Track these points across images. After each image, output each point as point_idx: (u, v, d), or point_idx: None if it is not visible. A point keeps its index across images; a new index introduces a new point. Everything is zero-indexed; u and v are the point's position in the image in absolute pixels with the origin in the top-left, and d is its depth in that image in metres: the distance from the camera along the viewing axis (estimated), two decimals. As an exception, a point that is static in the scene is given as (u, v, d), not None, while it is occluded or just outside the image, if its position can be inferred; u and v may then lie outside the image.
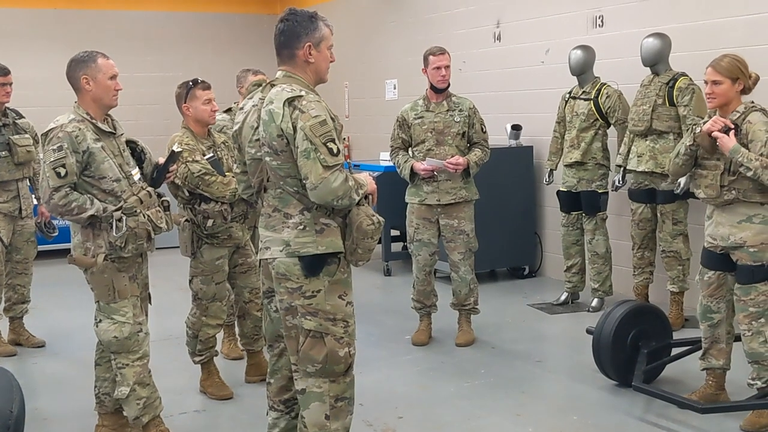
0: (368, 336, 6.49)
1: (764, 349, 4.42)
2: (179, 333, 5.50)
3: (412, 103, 6.28)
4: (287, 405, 3.84)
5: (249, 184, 3.73)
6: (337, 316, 3.53)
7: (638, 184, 6.55)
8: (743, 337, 4.52)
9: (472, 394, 5.24)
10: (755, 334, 4.45)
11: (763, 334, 4.43)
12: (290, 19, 3.54)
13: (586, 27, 7.73)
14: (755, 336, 4.45)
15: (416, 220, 6.22)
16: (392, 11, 10.57)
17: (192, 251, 5.09)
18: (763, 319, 4.44)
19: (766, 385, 4.47)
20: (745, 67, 4.52)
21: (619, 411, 4.87)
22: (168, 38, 12.18)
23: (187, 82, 5.08)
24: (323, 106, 3.45)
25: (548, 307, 7.26)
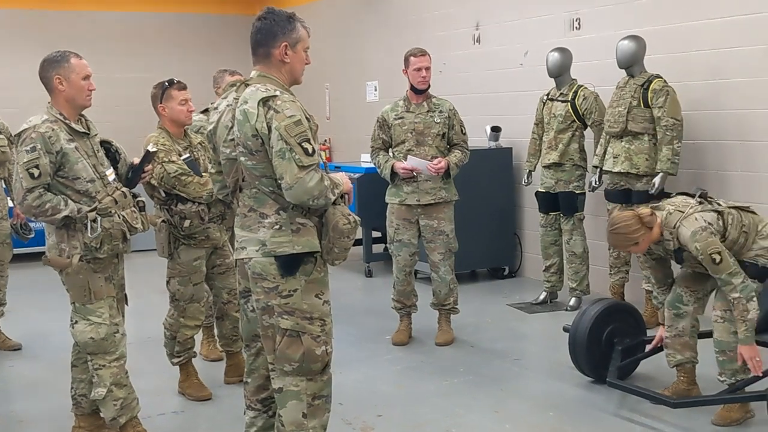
0: (348, 336, 6.51)
1: (732, 339, 4.48)
2: (157, 335, 5.50)
3: (392, 104, 6.31)
4: (264, 404, 3.84)
5: (224, 184, 3.73)
6: (313, 315, 3.54)
7: (614, 184, 6.61)
8: (714, 324, 4.57)
9: (451, 393, 5.27)
10: (727, 322, 4.51)
11: (734, 324, 4.49)
12: (268, 17, 3.55)
13: (564, 29, 7.79)
14: (726, 324, 4.51)
15: (396, 220, 6.24)
16: (373, 13, 10.60)
17: (169, 252, 5.09)
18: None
19: (733, 379, 4.53)
20: (633, 229, 4.50)
21: (595, 407, 4.93)
22: (145, 39, 12.14)
23: (162, 82, 5.07)
24: (298, 106, 3.45)
25: (527, 307, 7.31)
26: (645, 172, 6.38)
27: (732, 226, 4.49)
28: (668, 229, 4.52)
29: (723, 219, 4.49)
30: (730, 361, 4.50)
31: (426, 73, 6.10)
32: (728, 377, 4.54)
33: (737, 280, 4.34)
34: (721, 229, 4.47)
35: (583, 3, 7.62)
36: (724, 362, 4.54)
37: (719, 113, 6.52)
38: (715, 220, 4.46)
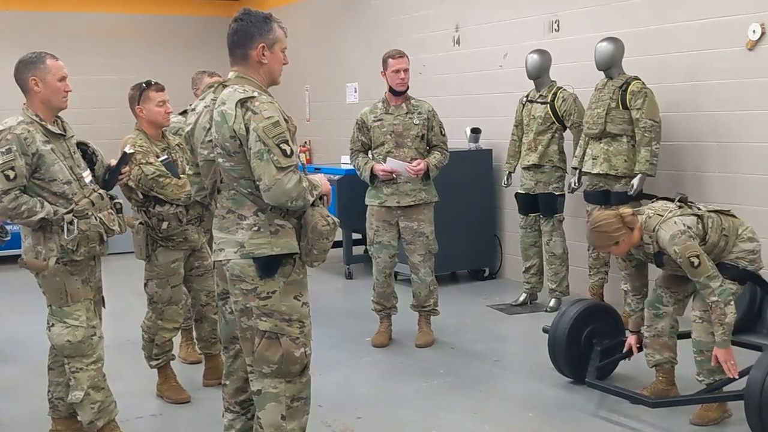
0: (328, 338, 6.50)
1: (711, 339, 4.50)
2: (136, 337, 5.47)
3: (371, 105, 6.31)
4: (243, 406, 3.83)
5: (202, 186, 3.72)
6: (292, 317, 3.53)
7: (593, 185, 6.63)
8: (693, 324, 4.60)
9: (431, 394, 5.27)
10: (705, 323, 4.53)
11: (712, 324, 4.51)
12: (244, 18, 3.54)
13: (543, 31, 7.82)
14: (705, 324, 4.53)
15: (376, 222, 6.24)
16: (353, 15, 10.60)
17: (147, 254, 5.07)
18: None
19: (711, 379, 4.55)
20: (613, 229, 4.51)
21: (574, 407, 4.94)
22: (124, 41, 12.08)
23: (140, 83, 5.04)
24: (276, 107, 3.44)
25: (507, 308, 7.32)
26: (624, 174, 6.41)
27: (712, 229, 4.52)
28: (648, 232, 4.54)
29: (703, 223, 4.51)
30: (708, 361, 4.52)
31: (404, 75, 6.10)
32: (706, 377, 4.57)
33: (715, 283, 4.36)
34: (701, 232, 4.49)
35: (562, 5, 7.65)
36: (702, 362, 4.57)
37: (696, 115, 6.55)
38: (695, 223, 4.49)
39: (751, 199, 6.13)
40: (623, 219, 4.52)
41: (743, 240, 4.58)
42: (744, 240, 4.58)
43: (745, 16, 6.14)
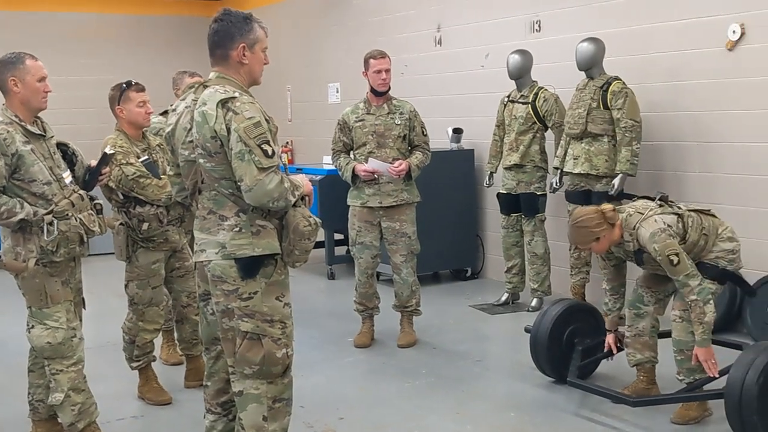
0: (310, 339, 6.49)
1: (690, 338, 4.53)
2: (116, 339, 5.44)
3: (353, 106, 6.31)
4: (225, 407, 3.82)
5: (183, 187, 3.71)
6: (274, 318, 3.52)
7: (574, 185, 6.66)
8: (673, 324, 4.62)
9: (413, 394, 5.27)
10: (685, 322, 4.56)
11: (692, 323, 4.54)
12: (224, 19, 3.53)
13: (524, 32, 7.83)
14: (684, 324, 4.56)
15: (358, 223, 6.23)
16: (334, 15, 10.59)
17: (127, 255, 5.04)
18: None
19: (691, 378, 4.58)
20: (595, 225, 4.52)
21: (556, 407, 4.96)
22: (104, 41, 12.02)
23: (120, 84, 5.02)
24: (257, 108, 3.44)
25: (489, 308, 7.33)
26: (605, 173, 6.44)
27: (692, 228, 4.54)
28: (628, 230, 4.56)
29: (683, 222, 4.53)
30: (688, 360, 4.55)
31: (386, 75, 6.10)
32: (686, 376, 4.59)
33: (694, 282, 4.38)
34: (681, 231, 4.51)
35: (543, 6, 7.67)
36: (682, 361, 4.59)
37: (677, 115, 6.59)
38: (675, 222, 4.50)
39: (731, 198, 6.17)
40: (604, 215, 4.53)
41: (723, 239, 4.60)
42: (724, 240, 4.60)
43: (725, 17, 6.17)
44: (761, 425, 4.08)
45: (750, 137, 6.13)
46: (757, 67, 6.02)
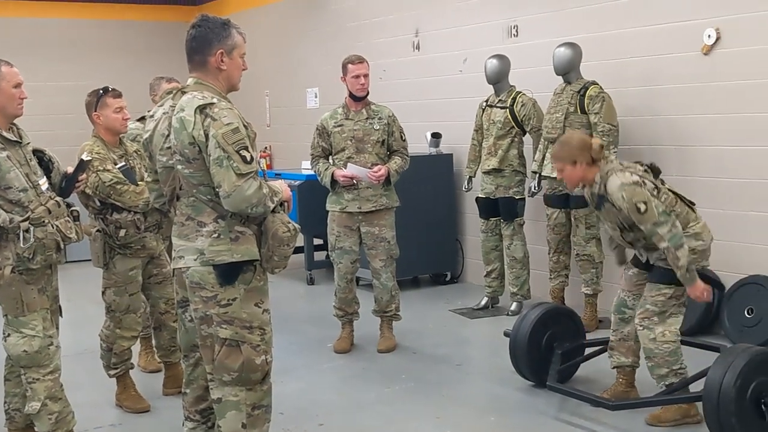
0: (290, 344, 6.48)
1: (653, 346, 4.57)
2: (94, 346, 5.40)
3: (331, 111, 6.30)
4: (203, 415, 3.81)
5: (161, 193, 3.70)
6: (253, 324, 3.52)
7: (553, 189, 6.68)
8: (638, 331, 4.66)
9: (393, 400, 5.27)
10: (645, 329, 4.59)
11: (653, 331, 4.57)
12: (202, 25, 3.52)
13: (502, 37, 7.86)
14: (645, 331, 4.59)
15: (337, 228, 6.22)
16: (312, 20, 10.58)
17: (104, 262, 5.01)
18: (656, 318, 4.59)
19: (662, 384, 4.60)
20: (579, 146, 4.54)
21: (535, 410, 4.96)
22: (81, 46, 11.96)
23: (97, 90, 4.99)
24: (235, 114, 3.43)
25: (469, 312, 7.34)
26: (583, 178, 6.45)
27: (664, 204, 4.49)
28: (601, 173, 4.53)
29: (658, 195, 4.50)
30: (658, 366, 4.57)
31: (364, 80, 6.10)
32: (657, 381, 4.63)
33: (663, 229, 4.35)
34: None
35: (521, 10, 7.69)
36: (652, 368, 4.61)
37: (654, 119, 6.62)
38: (651, 189, 4.48)
39: (707, 201, 6.20)
40: (591, 147, 4.52)
41: (689, 235, 4.55)
42: (689, 235, 4.54)
43: (701, 21, 6.22)
44: (739, 427, 4.10)
45: (725, 141, 6.17)
46: (733, 72, 6.07)
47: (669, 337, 4.55)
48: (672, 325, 4.57)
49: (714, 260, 6.14)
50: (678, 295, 4.57)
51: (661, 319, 4.58)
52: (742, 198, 6.12)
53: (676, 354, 4.56)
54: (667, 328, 4.56)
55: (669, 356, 4.55)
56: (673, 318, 4.59)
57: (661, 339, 4.55)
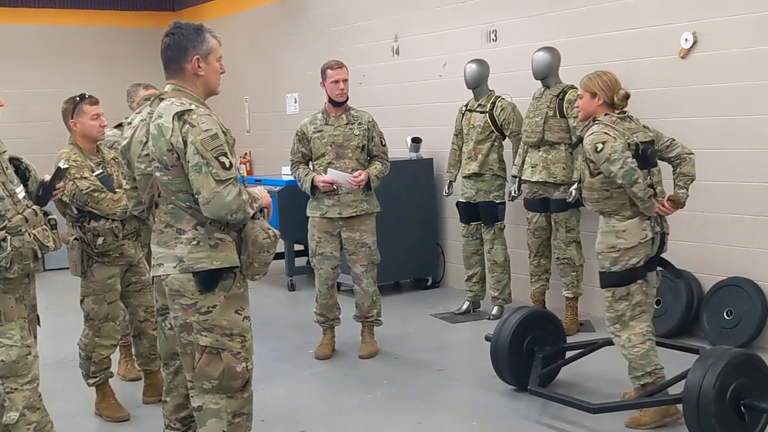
0: (271, 351, 6.46)
1: (626, 352, 4.62)
2: (73, 355, 5.35)
3: (311, 117, 6.29)
4: (184, 423, 3.79)
5: (139, 200, 3.68)
6: (233, 331, 3.50)
7: (533, 193, 6.70)
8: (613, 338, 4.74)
9: (375, 406, 5.26)
10: (615, 337, 4.69)
11: (620, 338, 4.64)
12: (176, 32, 3.50)
13: (481, 41, 7.88)
14: (616, 339, 4.68)
15: (318, 233, 6.21)
16: (291, 25, 10.57)
17: (82, 270, 4.98)
18: (618, 325, 4.66)
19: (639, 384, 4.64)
20: (606, 84, 4.66)
21: (517, 414, 4.97)
22: (58, 53, 11.90)
23: (74, 97, 4.96)
24: (214, 120, 3.42)
25: (450, 317, 7.34)
26: (562, 181, 6.48)
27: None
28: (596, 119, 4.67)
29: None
30: (633, 369, 4.63)
31: (343, 86, 6.09)
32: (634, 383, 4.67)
33: (615, 167, 4.45)
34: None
35: (500, 15, 7.72)
36: (629, 370, 4.67)
37: (633, 122, 6.64)
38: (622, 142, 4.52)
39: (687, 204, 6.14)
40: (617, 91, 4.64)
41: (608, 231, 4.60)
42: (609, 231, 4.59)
43: (678, 25, 6.26)
44: (719, 429, 4.12)
45: (703, 143, 6.18)
46: (709, 75, 6.11)
47: (635, 341, 4.60)
48: (635, 328, 4.61)
49: (693, 262, 6.25)
50: (623, 295, 4.60)
51: (622, 325, 4.63)
52: (720, 200, 6.15)
53: (648, 356, 4.60)
54: (630, 332, 4.61)
55: (641, 359, 4.60)
56: (635, 321, 4.63)
57: (629, 345, 4.61)
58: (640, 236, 4.55)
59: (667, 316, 6.25)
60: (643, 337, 4.58)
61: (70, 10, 12.12)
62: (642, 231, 4.56)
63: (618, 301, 4.61)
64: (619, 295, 4.61)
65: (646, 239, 4.56)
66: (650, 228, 4.58)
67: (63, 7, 12.08)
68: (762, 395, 4.27)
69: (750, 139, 5.94)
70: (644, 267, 4.63)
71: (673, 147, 4.78)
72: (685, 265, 6.27)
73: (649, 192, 4.51)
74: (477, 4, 7.95)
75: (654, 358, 4.60)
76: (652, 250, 4.64)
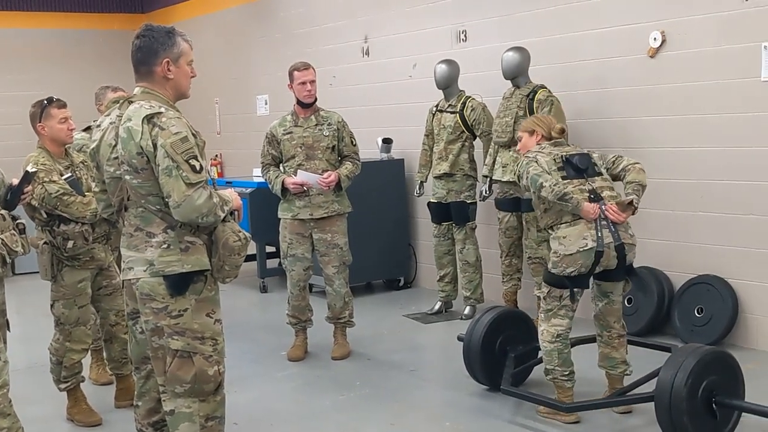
0: (243, 353, 6.43)
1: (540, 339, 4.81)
2: (44, 360, 5.30)
3: (280, 119, 6.27)
4: (156, 427, 3.77)
5: (109, 203, 3.66)
6: (205, 335, 3.49)
7: (504, 193, 6.72)
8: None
9: (348, 407, 5.25)
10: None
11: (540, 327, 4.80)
12: (146, 35, 3.48)
13: (451, 42, 7.89)
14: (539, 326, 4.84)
15: (289, 235, 6.20)
16: (261, 27, 10.55)
17: (52, 275, 4.94)
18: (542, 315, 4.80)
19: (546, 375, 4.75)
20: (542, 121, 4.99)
21: (490, 415, 4.98)
22: (27, 56, 11.80)
23: (41, 100, 4.92)
24: (184, 123, 3.40)
25: (423, 317, 7.35)
26: (533, 181, 6.50)
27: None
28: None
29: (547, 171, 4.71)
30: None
31: (311, 87, 6.08)
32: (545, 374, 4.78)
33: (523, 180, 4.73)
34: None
35: (469, 15, 7.74)
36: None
37: (602, 121, 6.70)
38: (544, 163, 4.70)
39: (656, 203, 6.29)
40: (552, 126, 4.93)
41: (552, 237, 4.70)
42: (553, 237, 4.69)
43: (646, 24, 6.30)
44: (691, 426, 4.14)
45: (673, 142, 6.26)
46: (678, 74, 6.16)
47: (545, 337, 4.71)
48: (553, 326, 4.69)
49: (663, 260, 6.30)
50: (555, 295, 4.68)
51: (546, 317, 4.73)
52: (691, 199, 6.20)
53: (551, 356, 4.69)
54: (547, 327, 4.71)
55: (546, 355, 4.71)
56: (557, 319, 4.70)
57: (541, 337, 4.72)
58: (579, 244, 4.53)
59: (638, 314, 6.30)
60: (554, 338, 4.67)
61: (39, 12, 12.02)
62: (582, 240, 4.54)
63: (546, 297, 4.73)
64: (553, 293, 4.70)
65: (586, 248, 4.51)
66: (591, 237, 4.53)
67: (31, 10, 11.97)
68: (733, 392, 4.32)
69: (719, 138, 6.00)
70: (583, 278, 4.62)
71: (618, 162, 4.86)
72: (656, 263, 6.34)
73: (558, 192, 4.55)
74: (447, 5, 7.97)
75: (559, 360, 4.66)
76: (609, 262, 4.58)
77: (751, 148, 5.82)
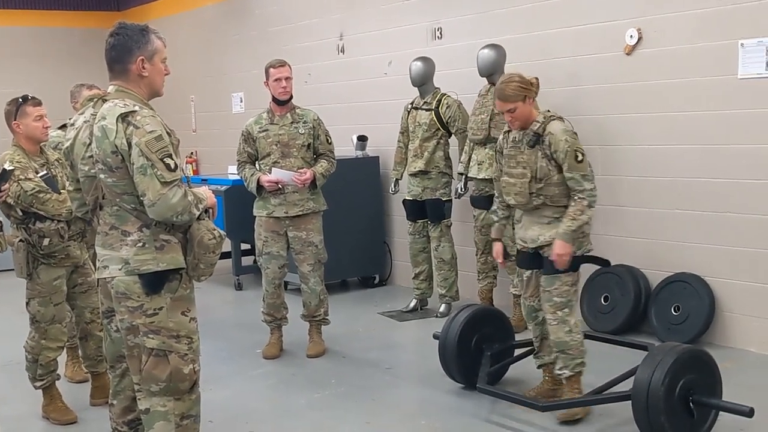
0: (218, 351, 6.41)
1: (569, 338, 4.68)
2: (20, 358, 5.27)
3: (256, 116, 6.26)
4: (131, 426, 3.76)
5: (83, 202, 3.64)
6: (180, 333, 3.49)
7: (479, 190, 6.74)
8: (549, 327, 4.75)
9: (323, 405, 5.26)
10: (560, 323, 4.69)
11: (568, 323, 4.68)
12: (120, 33, 3.47)
13: (426, 39, 7.90)
14: (560, 325, 4.69)
15: (264, 233, 6.19)
16: (237, 24, 10.51)
17: (28, 272, 4.91)
18: (567, 309, 4.70)
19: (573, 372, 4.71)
20: (525, 83, 4.73)
21: (466, 413, 4.98)
22: (2, 54, 11.73)
23: (16, 98, 4.91)
24: (158, 121, 3.39)
25: (398, 315, 7.36)
26: (508, 178, 6.52)
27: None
28: (544, 115, 4.71)
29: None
30: (572, 358, 4.70)
31: (286, 84, 6.07)
32: (569, 370, 4.72)
33: (589, 185, 4.59)
34: None
35: (445, 13, 7.75)
36: (566, 358, 4.73)
37: (579, 119, 6.64)
38: None
39: (633, 200, 6.33)
40: (531, 83, 4.71)
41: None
42: None
43: (623, 22, 6.33)
44: (669, 425, 4.14)
45: (650, 140, 6.28)
46: (655, 71, 6.19)
47: (578, 329, 4.73)
48: (578, 314, 4.78)
49: (640, 258, 6.33)
50: (576, 281, 4.72)
51: (571, 309, 4.71)
52: (667, 196, 6.23)
53: (584, 346, 4.73)
54: (576, 318, 4.73)
55: (581, 345, 4.72)
56: (576, 307, 4.76)
57: (576, 330, 4.70)
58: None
59: (615, 312, 6.33)
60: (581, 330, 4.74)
61: (14, 10, 11.95)
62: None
63: (572, 285, 4.70)
64: (575, 279, 4.70)
65: None
66: None
67: (6, 8, 11.88)
68: (711, 391, 4.33)
69: (695, 136, 6.03)
70: None
71: None
72: (632, 261, 6.37)
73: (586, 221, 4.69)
74: (422, 2, 7.98)
75: None
76: None
77: (728, 145, 5.86)
